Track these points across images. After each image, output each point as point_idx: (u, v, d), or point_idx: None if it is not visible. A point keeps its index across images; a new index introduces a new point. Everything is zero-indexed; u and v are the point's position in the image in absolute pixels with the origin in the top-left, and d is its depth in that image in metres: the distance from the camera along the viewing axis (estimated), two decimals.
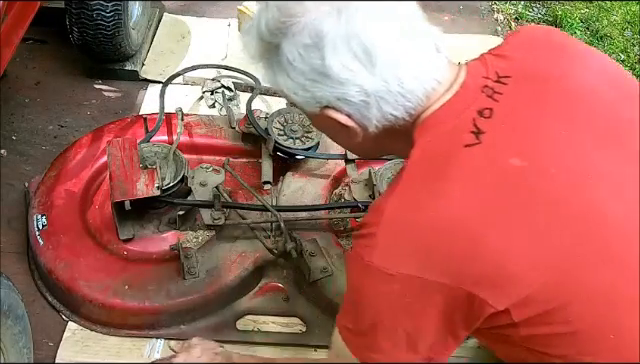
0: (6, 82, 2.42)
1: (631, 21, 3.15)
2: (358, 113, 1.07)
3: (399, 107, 1.07)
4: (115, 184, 1.77)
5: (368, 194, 1.89)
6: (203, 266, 1.79)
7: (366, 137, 1.12)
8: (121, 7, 2.28)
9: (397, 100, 1.06)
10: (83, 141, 2.08)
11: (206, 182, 1.89)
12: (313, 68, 1.04)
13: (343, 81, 1.04)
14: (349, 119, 1.08)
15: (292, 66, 1.06)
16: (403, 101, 1.06)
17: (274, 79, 1.11)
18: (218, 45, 2.65)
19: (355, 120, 1.08)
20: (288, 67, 1.07)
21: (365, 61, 1.03)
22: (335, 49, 1.02)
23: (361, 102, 1.05)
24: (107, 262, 1.79)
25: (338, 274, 1.79)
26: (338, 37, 1.02)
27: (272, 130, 2.01)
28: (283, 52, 1.06)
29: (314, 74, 1.05)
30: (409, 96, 1.06)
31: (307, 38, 1.03)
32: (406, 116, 1.08)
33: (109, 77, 2.50)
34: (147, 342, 1.74)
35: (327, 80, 1.04)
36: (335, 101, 1.06)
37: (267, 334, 1.78)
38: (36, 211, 1.89)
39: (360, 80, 1.04)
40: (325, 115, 1.09)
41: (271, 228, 1.88)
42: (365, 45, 1.02)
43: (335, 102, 1.06)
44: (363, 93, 1.04)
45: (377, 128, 1.09)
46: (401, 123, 1.09)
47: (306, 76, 1.06)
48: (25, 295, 1.60)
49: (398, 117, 1.08)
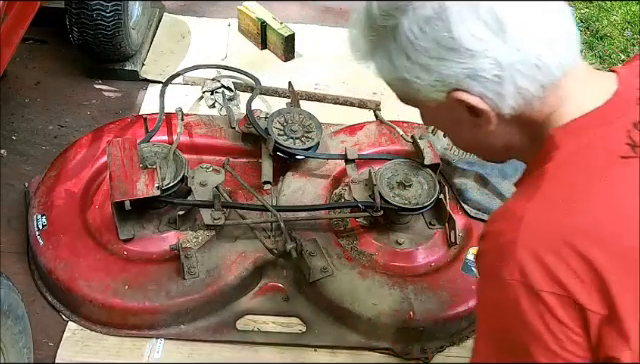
0: (6, 82, 2.42)
1: (631, 21, 3.15)
2: (491, 92, 0.96)
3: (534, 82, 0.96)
4: (115, 184, 1.77)
5: (368, 194, 1.89)
6: (203, 266, 1.79)
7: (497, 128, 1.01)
8: (121, 7, 2.28)
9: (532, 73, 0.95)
10: (83, 141, 2.08)
11: (206, 182, 1.89)
12: (438, 43, 0.94)
13: (474, 53, 0.93)
14: (481, 101, 0.97)
15: (413, 46, 0.96)
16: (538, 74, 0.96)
17: (391, 68, 1.01)
18: (218, 45, 2.65)
19: (488, 102, 0.97)
20: (408, 48, 0.96)
21: (496, 28, 0.93)
22: (462, 17, 0.92)
23: (494, 77, 0.95)
24: (107, 262, 1.79)
25: (338, 274, 1.79)
26: (464, 4, 0.92)
27: (272, 130, 2.01)
28: (401, 32, 0.96)
29: (440, 50, 0.94)
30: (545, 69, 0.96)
31: (429, 10, 0.93)
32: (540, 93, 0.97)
33: (109, 77, 2.51)
34: (147, 342, 1.74)
35: (455, 54, 0.94)
36: (465, 80, 0.95)
37: (267, 334, 1.78)
38: (36, 211, 1.89)
39: (492, 51, 0.93)
40: (453, 100, 0.98)
41: (271, 228, 1.88)
42: (494, 10, 0.92)
43: (465, 81, 0.96)
44: (496, 66, 0.94)
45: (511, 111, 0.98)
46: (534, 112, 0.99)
47: (430, 54, 0.95)
48: (25, 295, 1.60)
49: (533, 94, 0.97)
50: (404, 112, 2.38)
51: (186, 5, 2.87)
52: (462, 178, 2.02)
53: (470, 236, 1.92)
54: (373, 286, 1.78)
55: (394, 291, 1.78)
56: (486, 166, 2.02)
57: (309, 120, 2.06)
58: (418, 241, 1.92)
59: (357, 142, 2.12)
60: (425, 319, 1.74)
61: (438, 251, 1.91)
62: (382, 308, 1.75)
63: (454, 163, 2.03)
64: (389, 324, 1.74)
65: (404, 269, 1.87)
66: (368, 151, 2.09)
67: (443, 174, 2.03)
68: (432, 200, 1.88)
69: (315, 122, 2.06)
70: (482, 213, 1.97)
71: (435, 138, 2.05)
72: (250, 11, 2.61)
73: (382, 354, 1.77)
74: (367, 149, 2.09)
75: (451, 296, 1.78)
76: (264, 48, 2.65)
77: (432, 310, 1.75)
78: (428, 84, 0.98)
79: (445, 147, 2.06)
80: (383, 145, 2.11)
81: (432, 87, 0.98)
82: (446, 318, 1.76)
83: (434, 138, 2.05)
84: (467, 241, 1.91)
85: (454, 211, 1.95)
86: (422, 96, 1.01)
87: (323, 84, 2.48)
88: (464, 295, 1.79)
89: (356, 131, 2.16)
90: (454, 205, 1.98)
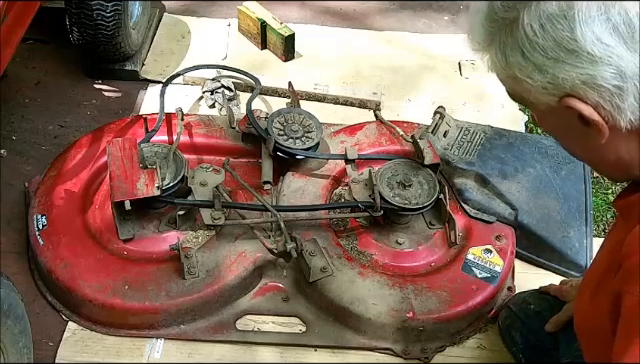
0: (6, 82, 2.42)
1: None
2: (608, 103, 0.88)
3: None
4: (115, 184, 1.77)
5: (368, 194, 1.89)
6: (203, 266, 1.79)
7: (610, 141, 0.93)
8: (121, 7, 2.28)
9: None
10: (83, 141, 2.08)
11: (206, 182, 1.89)
12: (558, 43, 0.87)
13: (595, 59, 0.86)
14: (594, 112, 0.89)
15: (531, 43, 0.90)
16: None
17: (504, 63, 0.95)
18: (218, 45, 2.65)
19: (602, 113, 0.89)
20: (525, 44, 0.90)
21: (625, 34, 0.84)
22: (589, 18, 0.85)
23: (614, 88, 0.87)
24: (107, 262, 1.79)
25: (338, 274, 1.79)
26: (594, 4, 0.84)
27: (272, 130, 2.01)
28: (521, 26, 0.90)
29: (558, 50, 0.88)
30: None
31: (554, 6, 0.87)
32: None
33: (109, 77, 2.50)
34: (147, 342, 1.74)
35: (574, 58, 0.87)
36: (580, 86, 0.88)
37: (267, 334, 1.78)
38: (36, 211, 1.89)
39: (617, 58, 0.85)
40: (564, 106, 0.91)
41: (271, 228, 1.88)
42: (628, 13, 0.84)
43: (580, 88, 0.88)
44: (618, 75, 0.86)
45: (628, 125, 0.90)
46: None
47: (547, 54, 0.89)
48: (25, 295, 1.60)
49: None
50: (404, 112, 2.42)
51: (186, 5, 2.87)
52: (462, 178, 2.02)
53: (470, 236, 1.92)
54: (373, 286, 1.78)
55: (394, 291, 1.78)
56: (486, 166, 2.02)
57: (309, 120, 2.06)
58: (418, 241, 1.92)
59: (357, 142, 2.12)
60: (425, 319, 1.75)
61: (438, 251, 1.91)
62: (382, 308, 1.75)
63: (454, 163, 2.03)
64: (389, 324, 1.74)
65: (404, 269, 1.87)
66: (368, 151, 2.09)
67: (443, 174, 2.03)
68: (432, 200, 1.88)
69: (315, 122, 2.06)
70: (482, 213, 1.97)
71: (435, 138, 2.06)
72: (250, 11, 2.61)
73: (382, 354, 1.77)
74: (367, 149, 2.09)
75: (451, 296, 1.78)
76: (264, 48, 2.65)
77: (432, 310, 1.75)
78: (540, 86, 0.92)
79: (445, 147, 2.06)
80: (383, 145, 2.11)
81: (544, 89, 0.92)
82: (446, 318, 1.76)
83: (434, 138, 2.05)
84: (467, 241, 1.91)
85: (454, 211, 1.95)
86: (532, 97, 0.95)
87: (323, 84, 2.48)
88: (464, 295, 1.79)
89: (356, 131, 2.16)
90: (454, 205, 1.98)
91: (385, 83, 2.55)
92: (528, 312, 1.71)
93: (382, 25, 2.86)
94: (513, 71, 0.94)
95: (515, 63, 0.93)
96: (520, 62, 0.92)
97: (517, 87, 0.96)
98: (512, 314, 1.75)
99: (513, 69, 0.94)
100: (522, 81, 0.93)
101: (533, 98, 0.95)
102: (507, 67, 0.94)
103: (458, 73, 2.64)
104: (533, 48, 0.90)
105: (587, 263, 1.94)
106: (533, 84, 0.92)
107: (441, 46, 2.75)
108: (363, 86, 2.51)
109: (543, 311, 1.66)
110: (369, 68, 2.62)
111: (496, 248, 1.89)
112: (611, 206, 2.22)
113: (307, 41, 2.67)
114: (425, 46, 2.76)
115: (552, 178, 2.04)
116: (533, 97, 0.95)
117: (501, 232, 1.93)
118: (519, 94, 0.98)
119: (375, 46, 2.74)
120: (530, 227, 1.95)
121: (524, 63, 0.92)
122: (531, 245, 1.97)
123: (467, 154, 2.05)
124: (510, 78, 0.96)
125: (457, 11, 2.98)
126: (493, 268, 1.85)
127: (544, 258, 1.97)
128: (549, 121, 1.01)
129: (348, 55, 2.67)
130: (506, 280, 1.88)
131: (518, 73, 0.93)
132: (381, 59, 2.66)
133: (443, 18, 2.93)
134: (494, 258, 1.87)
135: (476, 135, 2.11)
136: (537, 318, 1.65)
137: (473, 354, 1.78)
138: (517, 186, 1.99)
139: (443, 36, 2.82)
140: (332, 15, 2.90)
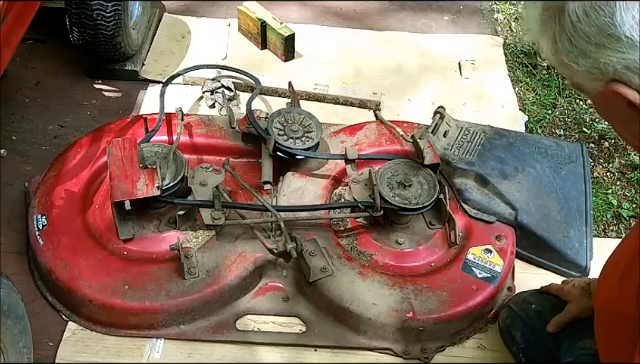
0: (6, 82, 2.42)
1: None
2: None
3: None
4: (115, 184, 1.77)
5: (368, 194, 1.89)
6: (203, 266, 1.79)
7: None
8: (121, 7, 2.28)
9: None
10: (83, 141, 2.08)
11: (206, 182, 1.89)
12: (600, 29, 0.91)
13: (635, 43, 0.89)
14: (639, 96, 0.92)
15: (575, 29, 0.93)
16: None
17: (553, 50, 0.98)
18: (218, 45, 2.65)
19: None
20: (571, 30, 0.94)
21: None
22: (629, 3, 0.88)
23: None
24: (107, 262, 1.79)
25: (338, 274, 1.79)
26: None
27: (272, 130, 2.01)
28: (566, 13, 0.94)
29: (600, 36, 0.91)
30: None
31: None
32: None
33: (109, 77, 2.50)
34: (147, 342, 1.74)
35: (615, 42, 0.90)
36: (623, 71, 0.91)
37: (267, 334, 1.78)
38: (36, 211, 1.89)
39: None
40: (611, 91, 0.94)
41: (271, 228, 1.88)
42: None
43: (622, 73, 0.92)
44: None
45: None
46: None
47: (590, 40, 0.92)
48: (25, 295, 1.60)
49: None
50: (404, 112, 2.42)
51: (186, 5, 2.87)
52: (462, 178, 2.02)
53: (470, 236, 1.92)
54: (373, 286, 1.78)
55: (394, 291, 1.78)
56: (486, 166, 2.02)
57: (309, 120, 2.06)
58: (418, 241, 1.92)
59: (357, 142, 2.12)
60: (425, 319, 1.74)
61: (438, 251, 1.91)
62: (382, 308, 1.75)
63: (454, 163, 2.03)
64: (389, 324, 1.74)
65: (404, 269, 1.87)
66: (368, 151, 2.09)
67: (443, 174, 2.03)
68: (432, 200, 1.88)
69: (315, 122, 2.06)
70: (482, 213, 1.97)
71: (435, 138, 2.06)
72: (250, 11, 2.61)
73: (382, 354, 1.77)
74: (367, 149, 2.09)
75: (451, 296, 1.78)
76: (264, 48, 2.65)
77: (432, 310, 1.75)
78: (586, 70, 0.95)
79: (445, 147, 2.06)
80: (383, 145, 2.11)
81: (590, 74, 0.95)
82: (446, 318, 1.76)
83: (434, 138, 2.05)
84: (467, 241, 1.91)
85: (454, 211, 1.95)
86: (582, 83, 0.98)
87: (323, 84, 2.48)
88: (464, 295, 1.79)
89: (356, 131, 2.16)
90: (454, 205, 1.98)
91: (385, 83, 2.55)
92: (529, 312, 1.71)
93: (382, 25, 2.86)
94: (561, 57, 0.97)
95: (563, 49, 0.96)
96: (567, 48, 0.96)
97: (567, 72, 0.99)
98: (513, 314, 1.75)
99: (561, 55, 0.97)
100: (570, 66, 0.97)
101: (582, 83, 0.98)
102: (556, 53, 0.98)
103: (458, 73, 2.64)
104: (578, 34, 0.93)
105: (587, 263, 1.94)
106: (579, 69, 0.96)
107: (441, 46, 2.75)
108: (363, 86, 2.51)
109: (544, 311, 1.66)
110: (369, 68, 2.62)
111: (496, 248, 1.89)
112: (611, 206, 2.22)
113: (307, 41, 2.67)
114: (425, 46, 2.76)
115: (552, 178, 2.04)
116: (582, 82, 0.98)
117: (501, 232, 1.94)
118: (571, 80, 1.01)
119: (375, 46, 2.74)
120: (530, 227, 1.95)
121: (571, 48, 0.95)
122: (531, 245, 1.97)
123: (467, 154, 2.05)
124: (561, 64, 0.99)
125: (457, 11, 2.99)
126: (493, 268, 1.85)
127: (544, 258, 1.97)
128: (600, 106, 1.03)
129: (348, 55, 2.67)
130: (506, 280, 1.88)
131: (565, 58, 0.97)
132: (381, 59, 2.67)
133: (443, 18, 2.93)
134: (494, 258, 1.87)
135: (476, 135, 2.11)
136: (538, 318, 1.65)
137: (473, 354, 1.78)
138: (517, 186, 2.00)
139: (443, 36, 2.82)
140: (332, 15, 2.90)
